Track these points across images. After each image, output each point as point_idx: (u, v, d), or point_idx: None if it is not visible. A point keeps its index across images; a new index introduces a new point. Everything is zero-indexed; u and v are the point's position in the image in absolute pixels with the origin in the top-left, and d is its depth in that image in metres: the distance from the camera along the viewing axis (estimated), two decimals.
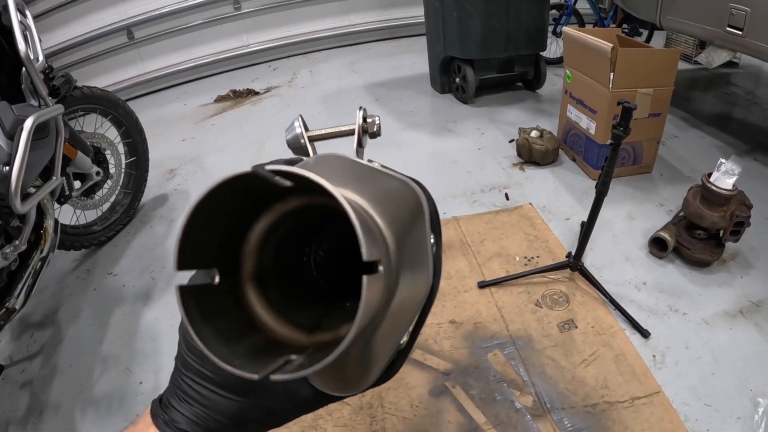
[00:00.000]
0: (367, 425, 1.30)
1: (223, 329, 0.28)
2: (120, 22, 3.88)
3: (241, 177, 0.26)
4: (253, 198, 0.28)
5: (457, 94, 3.26)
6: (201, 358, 0.35)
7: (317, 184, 0.24)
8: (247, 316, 0.30)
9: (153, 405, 0.39)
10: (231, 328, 0.29)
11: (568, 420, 1.28)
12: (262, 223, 0.30)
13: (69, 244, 2.00)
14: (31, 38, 1.54)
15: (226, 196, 0.26)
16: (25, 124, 1.34)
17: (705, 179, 1.68)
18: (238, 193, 0.27)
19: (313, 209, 0.30)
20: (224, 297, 0.29)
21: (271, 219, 0.30)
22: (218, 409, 0.36)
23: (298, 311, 0.32)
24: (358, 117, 0.41)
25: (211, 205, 0.26)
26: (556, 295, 1.66)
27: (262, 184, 0.26)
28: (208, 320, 0.27)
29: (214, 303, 0.28)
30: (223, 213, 0.28)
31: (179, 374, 0.37)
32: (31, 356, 1.71)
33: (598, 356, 1.44)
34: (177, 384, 0.37)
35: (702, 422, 1.28)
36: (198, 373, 0.36)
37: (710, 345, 1.49)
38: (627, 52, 2.00)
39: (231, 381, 0.35)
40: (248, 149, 2.91)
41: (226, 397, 0.35)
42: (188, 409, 0.36)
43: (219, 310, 0.29)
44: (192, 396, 0.36)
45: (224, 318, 0.29)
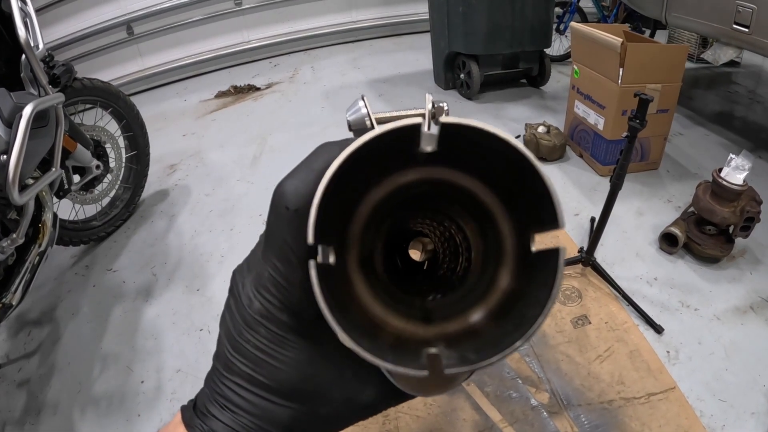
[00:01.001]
0: (381, 424, 1.27)
1: (354, 322, 0.24)
2: (120, 18, 3.83)
3: (399, 131, 0.22)
4: (368, 166, 0.24)
5: (462, 90, 3.24)
6: (254, 362, 0.30)
7: (508, 144, 0.21)
8: (361, 307, 0.26)
9: (185, 412, 0.34)
10: (359, 320, 0.25)
11: (584, 417, 1.26)
12: (371, 199, 0.26)
13: (68, 240, 1.95)
14: (31, 25, 1.51)
15: (361, 156, 0.22)
16: (24, 111, 1.30)
17: (716, 174, 1.66)
18: (362, 157, 0.23)
19: (421, 185, 0.26)
20: (339, 283, 0.25)
21: (380, 195, 0.26)
22: (269, 417, 0.31)
23: (398, 301, 0.28)
24: (427, 101, 0.38)
25: (345, 168, 0.22)
26: (569, 290, 1.64)
27: (387, 148, 0.23)
28: (338, 311, 0.23)
29: (335, 289, 0.24)
30: (346, 181, 0.23)
31: (221, 378, 0.32)
32: (28, 354, 1.67)
33: (612, 352, 1.42)
34: (217, 389, 0.32)
35: (717, 418, 1.27)
36: (246, 377, 0.31)
37: (722, 341, 1.48)
38: (636, 47, 1.98)
39: (286, 386, 0.30)
40: (250, 144, 2.88)
41: (279, 404, 0.31)
42: (232, 419, 0.31)
43: (342, 299, 0.24)
44: (237, 403, 0.31)
45: (348, 309, 0.25)
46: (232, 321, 0.31)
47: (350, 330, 0.23)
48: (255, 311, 0.29)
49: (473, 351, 0.23)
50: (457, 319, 0.26)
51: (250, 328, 0.30)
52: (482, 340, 0.24)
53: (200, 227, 2.19)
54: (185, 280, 1.90)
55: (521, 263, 0.24)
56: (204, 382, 0.34)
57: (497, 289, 0.25)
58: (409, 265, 0.39)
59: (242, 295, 0.30)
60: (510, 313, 0.24)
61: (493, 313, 0.25)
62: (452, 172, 0.24)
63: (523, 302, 0.23)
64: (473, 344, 0.23)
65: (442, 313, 0.27)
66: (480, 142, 0.22)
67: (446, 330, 0.26)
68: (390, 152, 0.23)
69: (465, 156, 0.23)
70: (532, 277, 0.23)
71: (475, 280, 0.28)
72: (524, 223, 0.23)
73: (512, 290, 0.25)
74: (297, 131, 2.96)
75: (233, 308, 0.31)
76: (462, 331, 0.25)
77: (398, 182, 0.25)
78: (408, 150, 0.22)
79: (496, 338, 0.23)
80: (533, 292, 0.23)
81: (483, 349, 0.22)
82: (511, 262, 0.25)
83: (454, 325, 0.26)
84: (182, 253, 2.05)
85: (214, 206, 2.33)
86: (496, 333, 0.24)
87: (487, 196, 0.25)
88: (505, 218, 0.25)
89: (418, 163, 0.24)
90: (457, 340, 0.24)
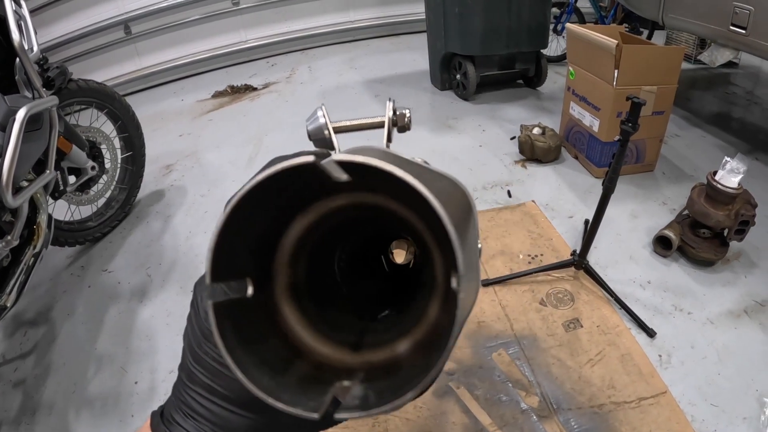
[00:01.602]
0: (370, 426, 1.27)
1: (263, 356, 0.24)
2: (117, 17, 3.82)
3: (298, 168, 0.21)
4: (287, 197, 0.24)
5: (458, 91, 3.24)
6: (213, 373, 0.31)
7: (399, 180, 0.20)
8: (284, 336, 0.26)
9: (153, 418, 0.35)
10: (271, 354, 0.25)
11: (575, 421, 1.26)
12: (296, 227, 0.26)
13: (63, 240, 1.96)
14: (25, 28, 1.51)
15: (266, 193, 0.22)
16: (18, 114, 1.31)
17: (710, 177, 1.66)
18: (276, 190, 0.23)
19: (352, 209, 0.26)
20: (258, 314, 0.25)
21: (307, 222, 0.26)
22: (229, 426, 0.32)
23: (334, 326, 0.28)
24: (387, 109, 0.37)
25: (251, 202, 0.22)
26: (561, 293, 1.64)
27: (305, 179, 0.22)
28: (245, 345, 0.23)
29: (248, 322, 0.24)
30: (259, 213, 0.23)
31: (184, 387, 0.33)
32: (24, 355, 1.67)
33: (604, 356, 1.42)
34: (182, 398, 0.33)
35: (709, 423, 1.27)
36: (207, 387, 0.32)
37: (715, 345, 1.48)
38: (632, 49, 1.98)
39: (244, 396, 0.31)
40: (246, 145, 2.88)
41: (238, 414, 0.32)
42: (194, 426, 0.33)
43: (254, 332, 0.24)
44: (199, 412, 0.32)
45: (262, 342, 0.25)
46: (192, 333, 0.32)
47: (255, 364, 0.23)
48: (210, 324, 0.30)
49: (377, 392, 0.22)
50: (386, 348, 0.26)
51: (207, 341, 0.31)
52: (396, 379, 0.23)
53: (195, 228, 2.20)
54: (180, 281, 1.90)
55: (447, 297, 0.24)
56: (171, 391, 0.35)
57: (426, 320, 0.25)
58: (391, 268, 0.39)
59: (200, 308, 0.31)
60: (429, 348, 0.24)
61: (419, 344, 0.25)
62: (381, 197, 0.24)
63: (439, 340, 0.22)
64: (386, 383, 0.23)
65: (373, 339, 0.28)
66: (389, 178, 0.21)
67: (372, 359, 0.26)
68: (310, 181, 0.23)
69: (384, 185, 0.22)
70: (450, 314, 0.22)
71: (412, 308, 0.28)
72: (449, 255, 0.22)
73: (437, 323, 0.24)
74: (293, 131, 2.96)
75: (193, 320, 0.32)
76: (385, 362, 0.25)
77: (327, 207, 0.26)
78: (327, 179, 0.22)
79: (407, 378, 0.22)
80: (446, 334, 0.21)
81: (387, 392, 0.22)
82: (440, 293, 0.24)
83: (381, 354, 0.26)
84: (177, 254, 2.05)
85: (210, 207, 2.33)
86: (410, 371, 0.23)
87: (418, 223, 0.24)
88: (435, 247, 0.24)
89: (345, 190, 0.24)
90: (377, 373, 0.24)
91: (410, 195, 0.21)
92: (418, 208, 0.23)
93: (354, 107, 3.19)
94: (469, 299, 0.25)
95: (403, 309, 0.31)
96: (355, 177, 0.21)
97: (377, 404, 0.22)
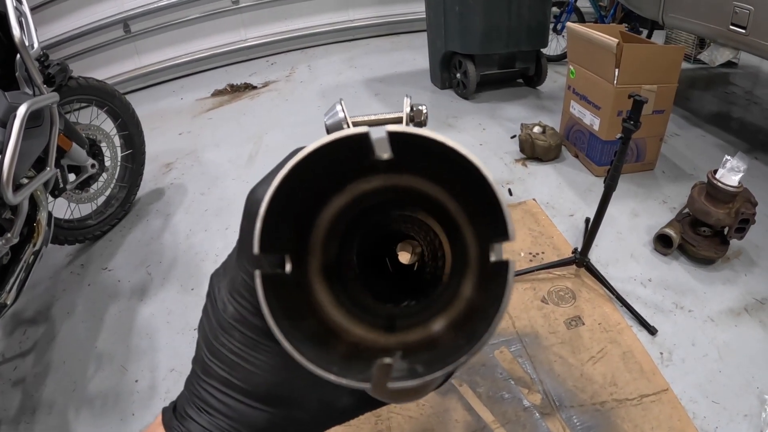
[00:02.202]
0: (373, 424, 1.27)
1: (305, 332, 0.24)
2: (116, 15, 3.81)
3: (347, 140, 0.21)
4: (328, 173, 0.24)
5: (458, 90, 3.24)
6: (230, 366, 0.31)
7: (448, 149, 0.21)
8: (319, 316, 0.26)
9: (165, 414, 0.34)
10: (311, 331, 0.25)
11: (577, 418, 1.26)
12: (332, 206, 0.26)
13: (63, 238, 1.95)
14: (26, 24, 1.50)
15: (313, 165, 0.22)
16: (18, 111, 1.30)
17: (711, 176, 1.66)
18: (321, 165, 0.23)
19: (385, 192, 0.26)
20: (294, 291, 0.25)
21: (342, 202, 0.26)
22: (246, 421, 0.31)
23: (364, 309, 0.28)
24: (405, 105, 0.38)
25: (298, 174, 0.22)
26: (563, 291, 1.64)
27: (346, 155, 0.22)
28: (288, 320, 0.23)
29: (288, 299, 0.24)
30: (303, 188, 0.23)
31: (198, 381, 0.32)
32: (23, 353, 1.66)
33: (605, 353, 1.42)
34: (195, 392, 0.32)
35: (710, 420, 1.27)
36: (223, 380, 0.31)
37: (716, 342, 1.48)
38: (632, 48, 1.98)
39: (262, 390, 0.30)
40: (246, 144, 2.88)
41: (255, 407, 0.31)
42: (209, 421, 0.32)
43: (293, 309, 0.24)
44: (214, 406, 0.31)
45: (301, 318, 0.25)
46: (208, 325, 0.31)
47: (299, 339, 0.23)
48: (229, 315, 0.29)
49: (424, 364, 0.23)
50: (420, 328, 0.26)
51: (225, 332, 0.30)
52: (436, 353, 0.23)
53: (195, 226, 2.19)
54: (180, 279, 1.90)
55: (483, 273, 0.24)
56: (184, 385, 0.34)
57: (461, 298, 0.25)
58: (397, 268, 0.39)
59: (218, 300, 0.31)
60: (468, 324, 0.24)
61: (455, 323, 0.25)
62: (416, 179, 0.24)
63: (479, 315, 0.23)
64: (427, 356, 0.23)
65: (406, 322, 0.27)
66: (435, 151, 0.22)
67: (407, 339, 0.26)
68: (348, 160, 0.23)
69: (425, 164, 0.23)
70: (489, 288, 0.23)
71: (442, 289, 0.28)
72: (485, 232, 0.23)
73: (473, 301, 0.25)
74: (293, 130, 2.96)
75: (210, 312, 0.31)
76: (422, 341, 0.25)
77: (361, 189, 0.25)
78: (366, 158, 0.22)
79: (448, 352, 0.23)
80: (487, 305, 0.22)
81: (433, 363, 0.22)
82: (474, 271, 0.25)
83: (416, 334, 0.26)
84: (177, 252, 2.05)
85: (210, 205, 2.33)
86: (450, 345, 0.23)
87: (451, 204, 0.25)
88: (468, 226, 0.25)
89: (381, 171, 0.24)
90: (415, 351, 0.24)
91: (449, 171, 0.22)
92: (453, 186, 0.24)
93: (354, 106, 3.17)
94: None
95: (424, 296, 0.31)
96: (396, 156, 0.22)
97: (427, 371, 0.22)
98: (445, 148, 0.21)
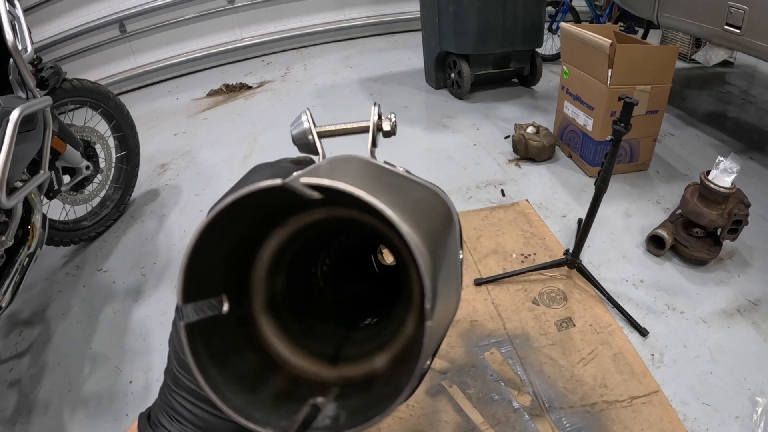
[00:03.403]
0: None
1: (237, 372, 0.24)
2: (112, 15, 3.81)
3: (267, 191, 0.21)
4: (265, 212, 0.24)
5: (452, 90, 3.24)
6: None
7: (367, 204, 0.20)
8: (261, 350, 0.26)
9: (140, 421, 0.36)
10: (246, 369, 0.25)
11: (566, 420, 1.27)
12: (274, 240, 0.26)
13: (58, 240, 1.96)
14: (19, 28, 1.51)
15: (241, 210, 0.22)
16: (11, 115, 1.31)
17: (704, 177, 1.67)
18: (251, 206, 0.23)
19: (330, 222, 0.26)
20: (234, 329, 0.25)
21: (285, 235, 0.26)
22: (212, 429, 0.33)
23: (314, 337, 0.28)
24: (372, 113, 0.37)
25: (223, 221, 0.22)
26: (554, 292, 1.65)
27: (281, 196, 0.22)
28: (219, 361, 0.23)
29: (223, 338, 0.24)
30: (234, 230, 0.23)
31: (169, 391, 0.34)
32: (19, 354, 1.67)
33: (596, 355, 1.43)
34: (167, 402, 0.34)
35: (701, 422, 1.27)
36: (190, 391, 0.32)
37: (708, 344, 1.48)
38: (625, 49, 1.98)
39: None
40: (241, 144, 2.88)
41: (222, 418, 0.32)
42: (180, 429, 0.33)
43: (230, 347, 0.24)
44: (184, 415, 0.33)
45: (237, 357, 0.25)
46: (177, 338, 0.32)
47: (228, 381, 0.23)
48: None
49: (349, 411, 0.23)
50: (363, 362, 0.26)
51: None
52: (367, 397, 0.24)
53: (190, 228, 2.19)
54: (174, 280, 1.90)
55: (422, 312, 0.24)
56: (158, 394, 0.35)
57: (404, 334, 0.25)
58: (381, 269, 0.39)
59: (184, 315, 0.32)
60: (406, 364, 0.24)
61: (396, 359, 0.25)
62: (357, 212, 0.24)
63: (412, 360, 0.23)
64: (358, 401, 0.23)
65: (353, 352, 0.28)
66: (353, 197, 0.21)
67: (349, 373, 0.26)
68: (283, 198, 0.23)
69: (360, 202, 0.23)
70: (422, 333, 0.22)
71: (387, 323, 0.28)
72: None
73: (414, 338, 0.25)
74: (288, 130, 2.94)
75: (178, 326, 0.32)
76: (363, 377, 0.25)
77: (305, 221, 0.26)
78: (299, 198, 0.22)
79: (377, 400, 0.23)
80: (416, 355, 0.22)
81: (358, 412, 0.22)
82: (416, 308, 0.25)
83: (358, 368, 0.26)
84: (172, 253, 2.05)
85: (204, 206, 2.33)
86: (379, 393, 0.23)
87: (394, 237, 0.24)
88: (411, 262, 0.24)
89: (320, 204, 0.24)
90: (351, 390, 0.24)
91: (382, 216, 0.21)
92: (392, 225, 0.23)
93: (349, 106, 3.19)
94: (445, 319, 0.25)
95: (386, 315, 0.32)
96: (328, 194, 0.21)
97: (347, 425, 0.22)
98: (354, 199, 0.21)
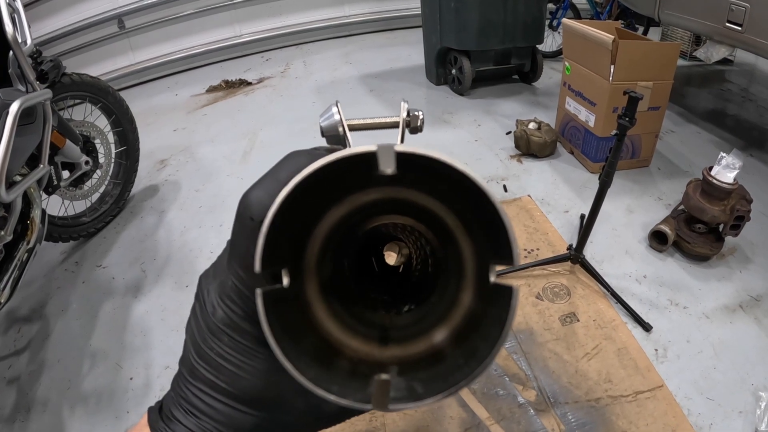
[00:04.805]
0: (367, 421, 1.27)
1: (305, 348, 0.24)
2: (110, 11, 3.79)
3: (353, 158, 0.21)
4: (329, 186, 0.24)
5: (453, 86, 3.24)
6: (217, 369, 0.30)
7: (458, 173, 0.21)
8: (317, 331, 0.26)
9: (151, 414, 0.33)
10: (311, 346, 0.24)
11: (571, 414, 1.26)
12: (330, 218, 0.26)
13: (57, 236, 1.94)
14: (19, 21, 1.49)
15: (312, 181, 0.22)
16: (11, 108, 1.29)
17: (706, 173, 1.66)
18: (322, 179, 0.23)
19: (383, 204, 0.26)
20: (294, 307, 0.25)
21: (341, 214, 0.26)
22: (231, 424, 0.31)
23: (360, 321, 0.28)
24: (402, 109, 0.37)
25: (300, 188, 0.22)
26: (557, 287, 1.64)
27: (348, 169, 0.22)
28: (289, 335, 0.23)
29: (288, 315, 0.24)
30: (303, 202, 0.23)
31: (185, 383, 0.32)
32: (18, 351, 1.66)
33: (600, 350, 1.42)
34: (182, 394, 0.32)
35: (705, 416, 1.28)
36: (209, 383, 0.31)
37: (711, 339, 1.48)
38: (628, 45, 1.98)
39: (249, 394, 0.30)
40: (240, 140, 2.87)
41: (242, 411, 0.31)
42: (195, 423, 0.31)
43: (294, 324, 0.24)
44: (200, 408, 0.31)
45: (301, 334, 0.24)
46: (196, 327, 0.31)
47: (300, 358, 0.22)
48: (218, 319, 0.29)
49: (423, 382, 0.22)
50: (421, 338, 0.26)
51: (213, 336, 0.30)
52: (436, 370, 0.23)
53: (190, 223, 2.18)
54: (174, 276, 1.89)
55: (481, 289, 0.24)
56: (170, 386, 0.33)
57: (460, 306, 0.25)
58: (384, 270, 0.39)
59: (207, 302, 0.30)
60: (469, 338, 0.24)
61: (457, 331, 0.25)
62: (414, 193, 0.24)
63: (480, 331, 0.23)
64: (426, 373, 0.23)
65: (402, 333, 0.27)
66: (440, 171, 0.22)
67: (406, 352, 0.26)
68: (351, 174, 0.23)
69: (427, 179, 0.23)
70: (490, 304, 0.23)
71: (438, 296, 0.28)
72: (484, 250, 0.23)
73: (474, 310, 0.25)
74: (288, 126, 2.95)
75: (198, 314, 0.31)
76: (424, 353, 0.25)
77: (360, 201, 0.25)
78: (369, 172, 0.22)
79: (448, 370, 0.22)
80: (488, 324, 0.22)
81: (432, 382, 0.22)
82: (471, 284, 0.25)
83: (417, 346, 0.26)
84: (171, 249, 2.04)
85: (204, 202, 2.32)
86: (450, 363, 0.23)
87: (449, 218, 0.24)
88: (466, 241, 0.24)
89: (381, 183, 0.24)
90: (413, 366, 0.24)
91: (452, 190, 0.22)
92: (454, 203, 0.24)
93: (349, 102, 3.18)
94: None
95: (420, 303, 0.31)
96: (399, 171, 0.22)
97: (426, 394, 0.22)
98: (453, 171, 0.21)
